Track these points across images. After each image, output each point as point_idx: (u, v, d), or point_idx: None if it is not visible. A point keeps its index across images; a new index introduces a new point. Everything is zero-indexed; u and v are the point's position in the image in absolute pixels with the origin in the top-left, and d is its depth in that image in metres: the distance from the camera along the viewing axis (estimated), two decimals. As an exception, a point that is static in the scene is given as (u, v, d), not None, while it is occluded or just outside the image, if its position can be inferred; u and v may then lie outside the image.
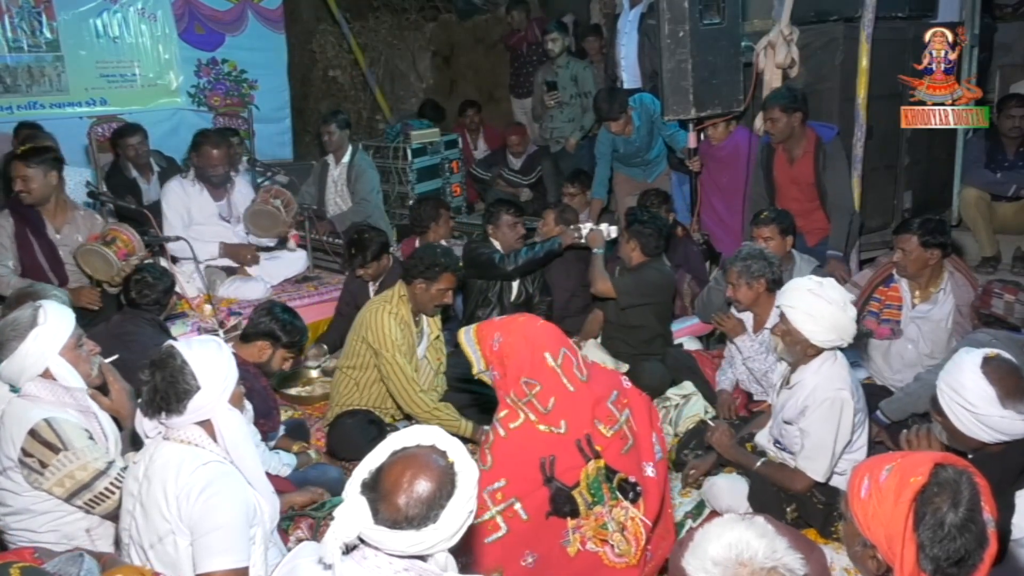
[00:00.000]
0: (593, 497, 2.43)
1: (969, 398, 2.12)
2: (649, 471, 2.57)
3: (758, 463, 3.05)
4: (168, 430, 2.10)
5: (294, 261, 5.30)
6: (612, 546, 2.44)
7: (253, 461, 2.17)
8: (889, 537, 1.53)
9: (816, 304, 2.80)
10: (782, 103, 4.35)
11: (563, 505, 2.42)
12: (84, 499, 2.36)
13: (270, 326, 3.27)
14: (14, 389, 2.47)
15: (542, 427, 2.44)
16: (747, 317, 3.61)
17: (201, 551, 1.97)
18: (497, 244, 4.58)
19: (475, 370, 2.62)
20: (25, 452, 2.33)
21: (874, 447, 3.11)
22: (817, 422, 2.83)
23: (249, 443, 2.19)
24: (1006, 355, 2.21)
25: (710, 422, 3.35)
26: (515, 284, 4.58)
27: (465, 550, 2.33)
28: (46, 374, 2.43)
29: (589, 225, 4.54)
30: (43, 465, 2.33)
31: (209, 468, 2.03)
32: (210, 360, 2.11)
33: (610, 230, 4.44)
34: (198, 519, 1.97)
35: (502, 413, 2.49)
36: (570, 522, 2.43)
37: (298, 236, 5.22)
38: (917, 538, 1.50)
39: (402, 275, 3.77)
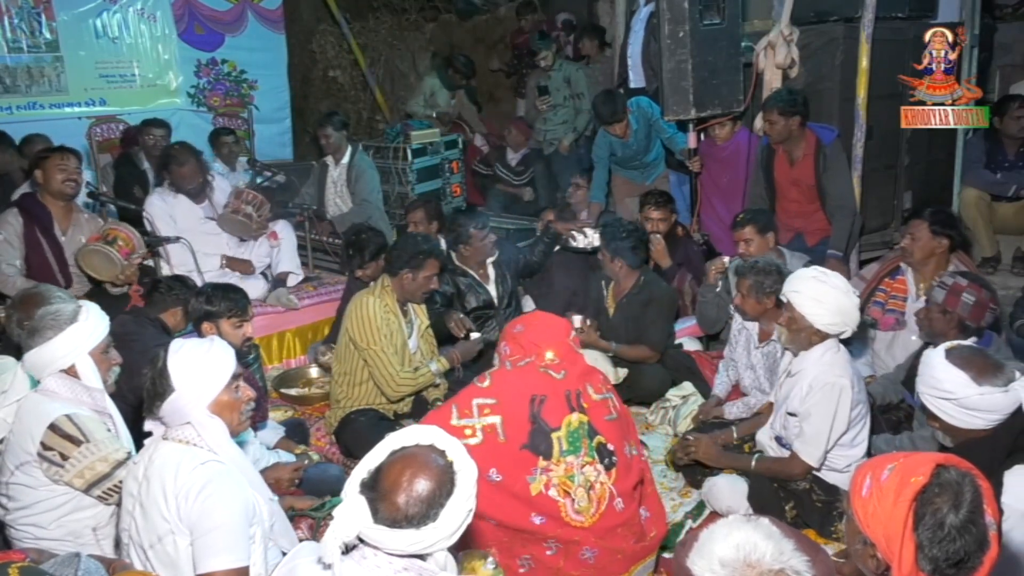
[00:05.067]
0: (570, 446, 2.52)
1: (947, 387, 2.15)
2: (629, 451, 2.66)
3: (753, 462, 3.07)
4: (167, 430, 2.10)
5: (290, 252, 5.24)
6: (573, 500, 2.50)
7: (243, 465, 2.15)
8: (888, 536, 1.53)
9: (820, 288, 2.85)
10: (780, 106, 4.34)
11: (539, 443, 2.50)
12: (102, 489, 2.39)
13: (198, 307, 3.26)
14: (34, 383, 2.50)
15: (542, 369, 2.62)
16: (753, 327, 3.60)
17: (201, 551, 1.96)
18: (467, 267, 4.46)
19: None
20: (44, 446, 2.36)
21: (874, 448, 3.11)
22: (815, 406, 2.86)
23: (233, 449, 2.14)
24: (965, 343, 2.30)
25: (689, 436, 3.33)
26: (472, 297, 4.46)
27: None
28: (70, 371, 2.47)
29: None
30: (64, 457, 2.36)
31: (208, 467, 2.02)
32: (192, 363, 2.06)
33: (594, 236, 4.42)
34: (197, 518, 1.97)
35: (514, 357, 2.69)
36: (540, 461, 2.50)
37: (276, 234, 5.08)
38: (916, 538, 1.51)
39: (385, 268, 3.78)
